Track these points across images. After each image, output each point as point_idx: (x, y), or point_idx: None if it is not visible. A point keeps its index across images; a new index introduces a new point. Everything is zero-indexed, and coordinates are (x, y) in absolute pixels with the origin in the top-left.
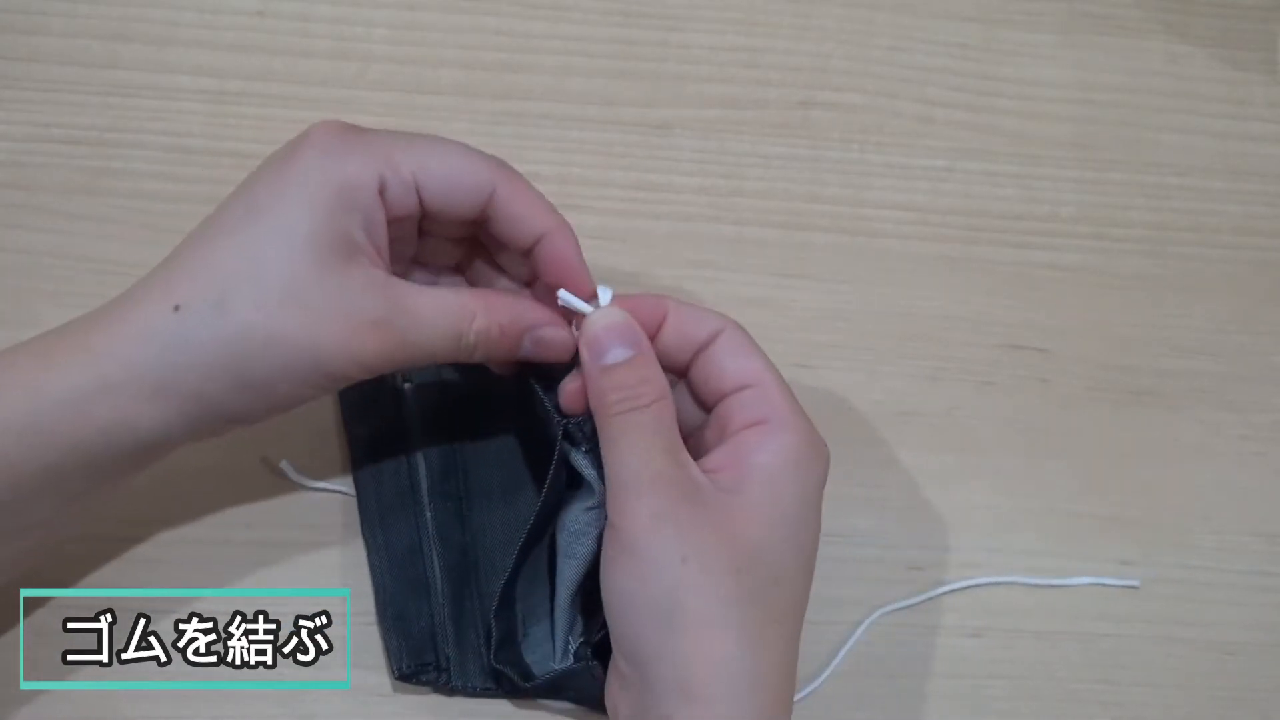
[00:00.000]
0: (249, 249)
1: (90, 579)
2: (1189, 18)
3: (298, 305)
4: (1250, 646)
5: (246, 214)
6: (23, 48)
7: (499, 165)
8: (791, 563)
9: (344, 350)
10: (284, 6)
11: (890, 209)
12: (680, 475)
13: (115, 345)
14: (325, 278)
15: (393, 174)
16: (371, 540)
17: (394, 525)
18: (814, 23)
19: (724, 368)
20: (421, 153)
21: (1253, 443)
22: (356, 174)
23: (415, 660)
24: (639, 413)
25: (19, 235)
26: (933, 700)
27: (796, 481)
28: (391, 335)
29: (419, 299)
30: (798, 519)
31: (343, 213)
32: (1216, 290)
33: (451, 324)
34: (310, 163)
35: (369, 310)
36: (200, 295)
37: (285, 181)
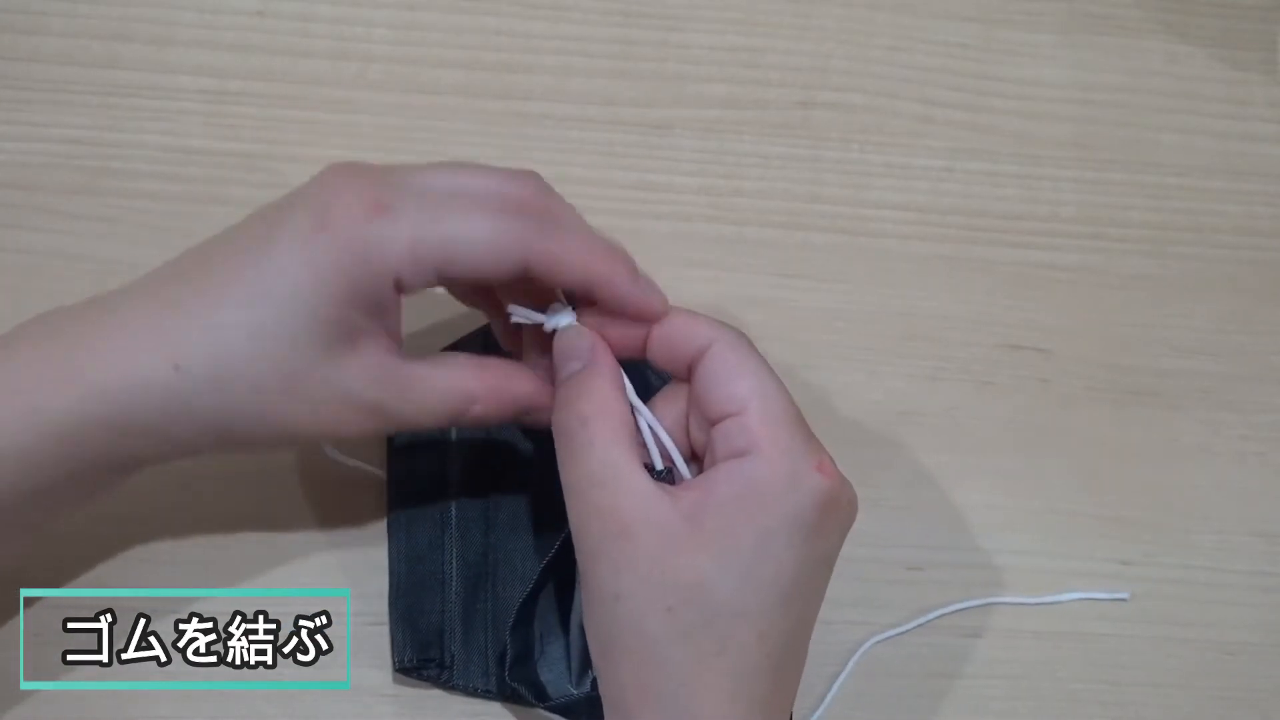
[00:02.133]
0: (254, 326)
1: (90, 579)
2: (1189, 18)
3: (294, 396)
4: (1250, 646)
5: (256, 283)
6: (23, 48)
7: (532, 232)
8: (747, 600)
9: (332, 432)
10: (284, 6)
11: (890, 209)
12: (616, 506)
13: (114, 390)
14: (325, 369)
15: (412, 270)
16: (394, 527)
17: (419, 514)
18: (814, 23)
19: (709, 394)
20: (445, 238)
21: (1253, 443)
22: (372, 270)
23: (420, 654)
24: (567, 437)
25: (19, 235)
26: (932, 700)
27: (758, 515)
28: (384, 419)
29: (418, 384)
30: (756, 553)
31: (350, 303)
32: (1216, 290)
33: (449, 409)
34: (327, 245)
35: (365, 400)
36: (201, 363)
37: (300, 259)
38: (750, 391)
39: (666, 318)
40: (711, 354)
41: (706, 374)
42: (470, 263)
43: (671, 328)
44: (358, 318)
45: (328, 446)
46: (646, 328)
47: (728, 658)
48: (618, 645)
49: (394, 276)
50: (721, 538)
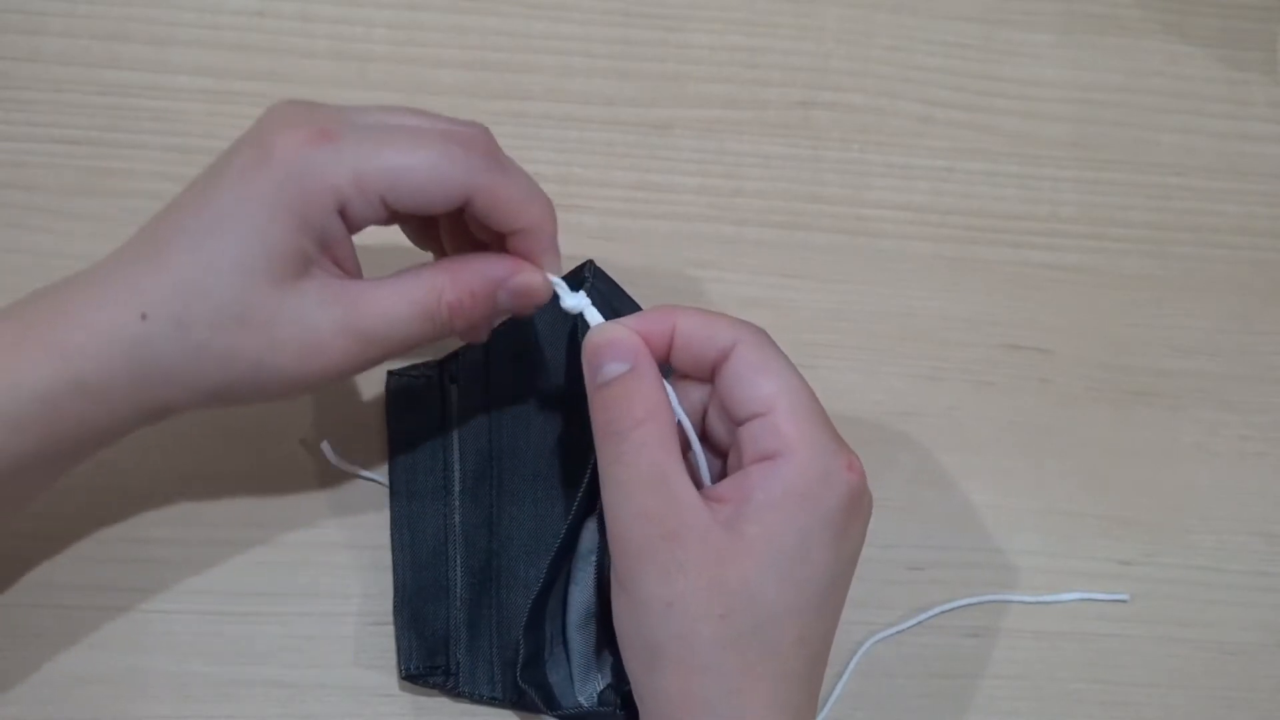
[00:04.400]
0: (210, 263)
1: (89, 578)
2: (1189, 18)
3: (253, 330)
4: (1250, 646)
5: (211, 222)
6: (23, 48)
7: (476, 166)
8: (790, 601)
9: (305, 364)
10: (284, 6)
11: (890, 209)
12: (668, 513)
13: (88, 346)
14: (280, 296)
15: (357, 195)
16: (398, 536)
17: (422, 523)
18: (814, 23)
19: (734, 395)
20: (390, 165)
21: (1253, 443)
22: (316, 196)
23: (426, 662)
24: (618, 439)
25: (19, 235)
26: (933, 700)
27: (798, 517)
28: (355, 339)
29: (380, 295)
30: (796, 555)
31: (299, 231)
32: (1216, 290)
33: (419, 308)
34: (272, 176)
35: (325, 322)
36: (164, 307)
37: (247, 194)
38: (777, 391)
39: (686, 319)
40: (736, 354)
41: (731, 374)
42: (414, 189)
43: (694, 328)
44: (307, 246)
45: (327, 450)
46: (670, 330)
47: (773, 663)
48: (666, 653)
49: (338, 203)
50: (763, 543)
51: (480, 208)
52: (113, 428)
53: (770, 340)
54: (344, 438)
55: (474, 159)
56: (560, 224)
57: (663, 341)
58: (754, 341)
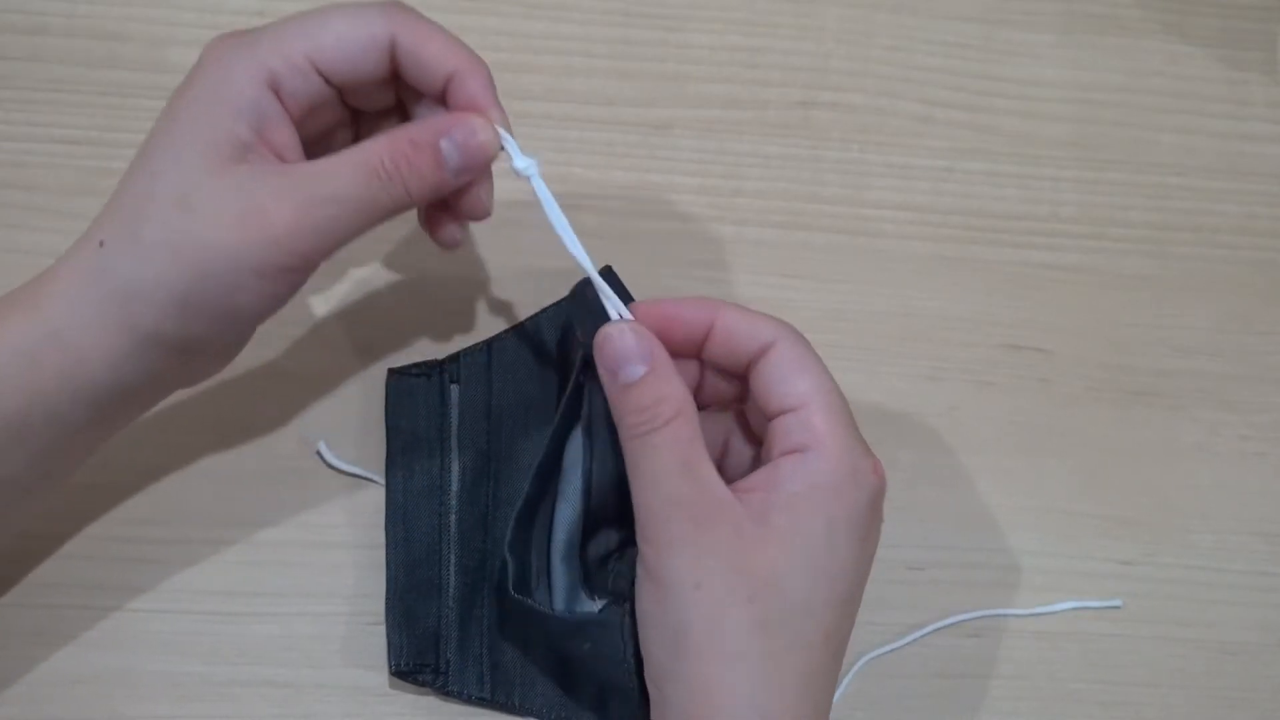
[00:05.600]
0: (152, 174)
1: (84, 578)
2: (1189, 18)
3: (193, 214)
4: (1250, 646)
5: (148, 141)
6: (23, 48)
7: (392, 11)
8: (818, 592)
9: (252, 239)
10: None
11: (890, 209)
12: (697, 498)
13: (55, 289)
14: (216, 180)
15: (284, 65)
16: (392, 533)
17: (417, 521)
18: (814, 23)
19: (770, 389)
20: (309, 31)
21: (1253, 443)
22: (241, 78)
23: (415, 659)
24: (655, 434)
25: (19, 235)
26: (933, 700)
27: (824, 510)
28: (296, 204)
29: (320, 163)
30: (824, 548)
31: (230, 118)
32: (1216, 290)
33: (361, 166)
34: (199, 78)
35: (264, 189)
36: (118, 226)
37: (179, 102)
38: (812, 388)
39: (729, 313)
40: (776, 350)
41: (769, 369)
42: (336, 42)
43: (735, 324)
44: (240, 131)
45: (324, 449)
46: (708, 326)
47: (799, 655)
48: (693, 637)
49: (268, 78)
50: (791, 534)
51: (407, 50)
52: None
53: (807, 342)
54: (340, 438)
55: (393, 12)
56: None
57: (698, 332)
58: (794, 339)
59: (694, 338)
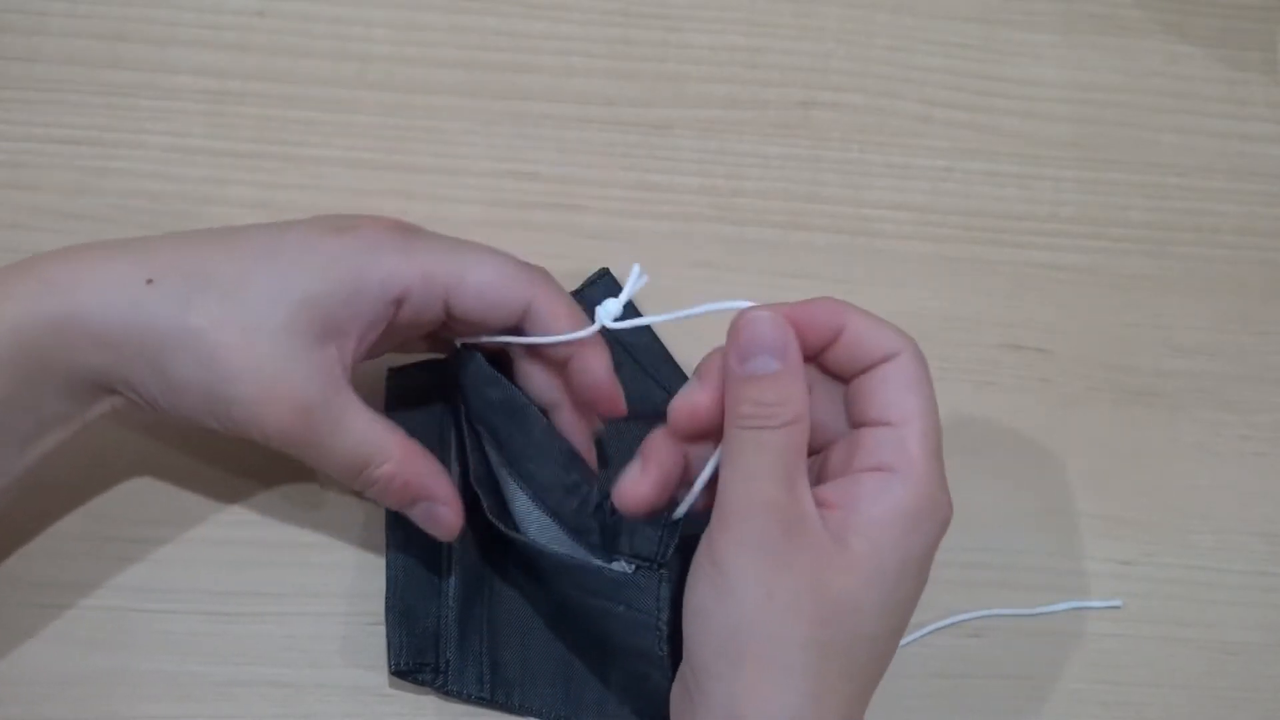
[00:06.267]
0: (244, 275)
1: (83, 577)
2: (1189, 18)
3: (247, 347)
4: (1250, 646)
5: (263, 248)
6: (23, 48)
7: (539, 281)
8: (880, 623)
9: (256, 409)
10: (284, 6)
11: (890, 209)
12: (791, 507)
13: (75, 287)
14: (287, 343)
15: (421, 290)
16: (393, 533)
17: None
18: (814, 23)
19: (875, 397)
20: (460, 266)
21: (1253, 443)
22: (380, 276)
23: (415, 658)
24: (768, 433)
25: (19, 235)
26: (932, 700)
27: (903, 541)
28: (306, 426)
29: (350, 414)
30: (895, 579)
31: (345, 301)
32: (1216, 290)
33: (364, 451)
34: (345, 244)
35: (302, 393)
36: (175, 282)
37: (314, 246)
38: (919, 409)
39: (859, 320)
40: (898, 362)
41: (883, 378)
42: (478, 292)
43: (865, 330)
44: (343, 318)
45: None
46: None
47: (851, 681)
48: (753, 644)
49: (400, 289)
50: (868, 560)
51: (538, 320)
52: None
53: (926, 362)
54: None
55: (536, 276)
56: (560, 224)
57: (824, 336)
58: (917, 355)
59: (821, 342)
